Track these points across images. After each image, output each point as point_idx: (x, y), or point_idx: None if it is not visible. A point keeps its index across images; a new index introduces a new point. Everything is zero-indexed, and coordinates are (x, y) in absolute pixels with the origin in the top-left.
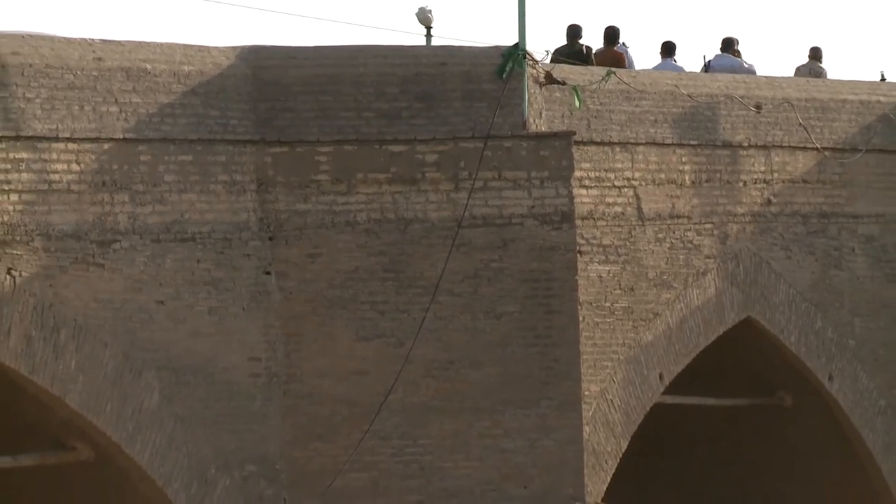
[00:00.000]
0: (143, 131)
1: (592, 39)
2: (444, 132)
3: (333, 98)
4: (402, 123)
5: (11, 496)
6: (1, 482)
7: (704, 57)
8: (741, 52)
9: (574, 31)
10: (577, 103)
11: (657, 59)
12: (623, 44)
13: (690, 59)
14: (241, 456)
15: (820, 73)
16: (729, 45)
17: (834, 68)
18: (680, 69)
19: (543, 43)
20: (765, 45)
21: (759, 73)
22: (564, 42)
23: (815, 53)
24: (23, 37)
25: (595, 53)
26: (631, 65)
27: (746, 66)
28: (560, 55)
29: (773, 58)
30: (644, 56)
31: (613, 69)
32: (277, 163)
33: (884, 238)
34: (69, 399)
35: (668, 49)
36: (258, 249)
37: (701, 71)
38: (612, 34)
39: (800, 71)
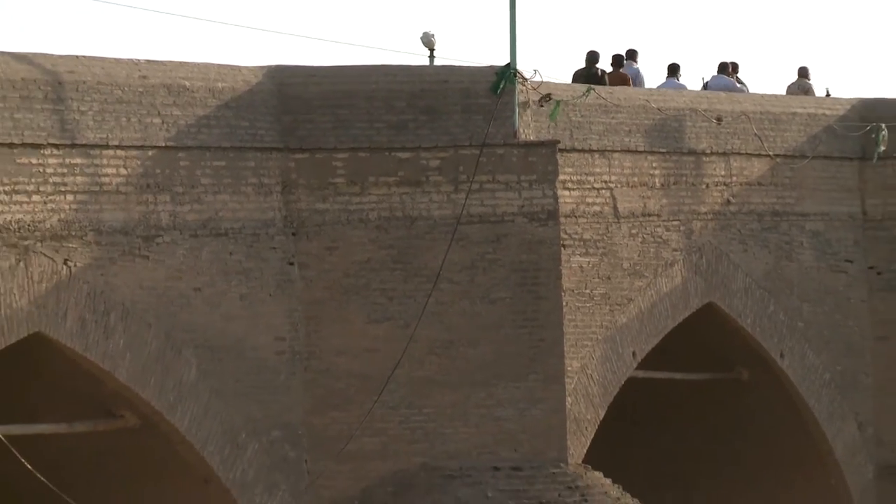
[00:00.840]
0: (182, 140)
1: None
2: (445, 141)
3: (348, 111)
4: (408, 133)
5: (67, 459)
6: (58, 446)
7: (703, 78)
8: (739, 72)
9: (592, 57)
10: (556, 117)
11: (663, 78)
12: (633, 65)
13: (693, 79)
14: (267, 423)
15: (808, 90)
16: (724, 68)
17: (819, 84)
18: (682, 87)
19: (561, 64)
20: (761, 65)
21: (750, 90)
22: (584, 65)
23: (804, 72)
24: (77, 57)
25: (609, 74)
26: (641, 83)
27: (738, 85)
28: (579, 77)
29: (768, 76)
30: (653, 74)
31: (593, 87)
32: (299, 168)
33: (828, 234)
34: (118, 373)
35: (672, 69)
36: (283, 243)
37: (700, 89)
38: (617, 59)
39: (790, 88)
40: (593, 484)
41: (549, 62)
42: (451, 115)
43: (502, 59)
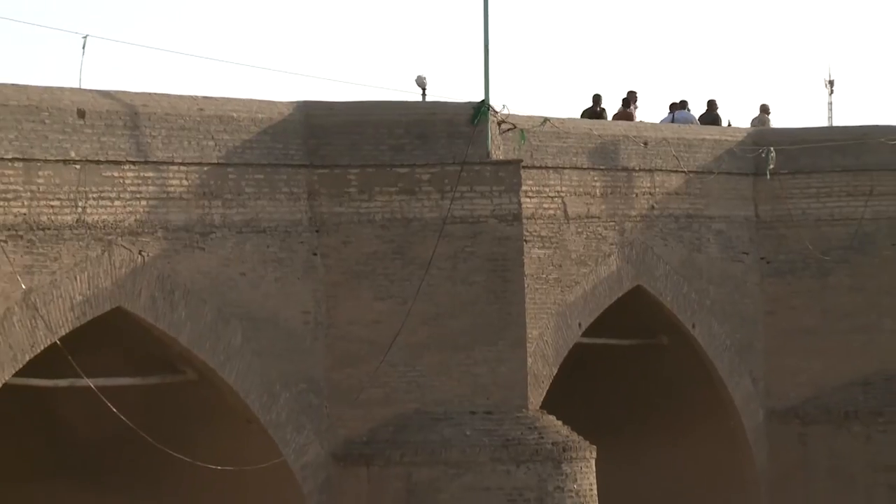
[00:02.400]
0: (230, 158)
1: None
2: (433, 160)
3: (359, 136)
4: (405, 154)
5: (141, 405)
6: (134, 397)
7: (675, 109)
8: (718, 107)
9: (596, 99)
10: (521, 141)
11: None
12: (633, 104)
13: (660, 113)
14: (296, 377)
15: (765, 122)
16: (683, 105)
17: (777, 118)
18: (692, 118)
19: (564, 104)
20: (732, 102)
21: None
22: (590, 105)
23: (765, 108)
24: (149, 94)
25: (615, 114)
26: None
27: (694, 118)
28: (585, 114)
29: (736, 111)
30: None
31: (548, 117)
32: (321, 180)
33: (729, 232)
34: (180, 339)
35: (682, 104)
36: (308, 238)
37: (667, 121)
38: (626, 100)
39: (753, 121)
40: (548, 425)
41: (526, 95)
42: (439, 140)
43: (478, 96)
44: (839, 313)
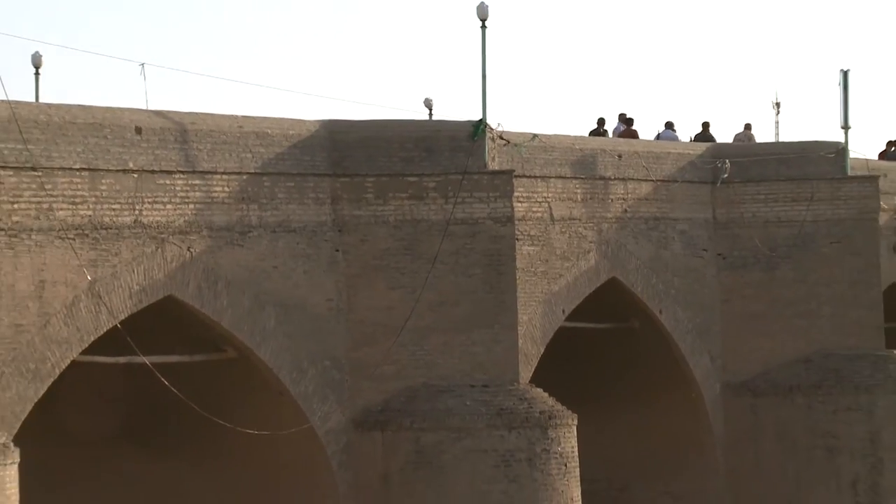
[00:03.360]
0: (266, 168)
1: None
2: (438, 170)
3: (375, 150)
4: (415, 164)
5: (190, 380)
6: (183, 372)
7: (662, 130)
8: (711, 127)
9: (600, 121)
10: (521, 152)
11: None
12: (621, 127)
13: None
14: (321, 356)
15: (751, 138)
16: (670, 126)
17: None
18: (676, 137)
19: (554, 120)
20: (722, 118)
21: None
22: (595, 126)
23: (748, 126)
24: (196, 113)
25: (622, 132)
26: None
27: (678, 137)
28: (592, 134)
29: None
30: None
31: (538, 133)
32: (343, 187)
33: (691, 232)
34: (223, 322)
35: (669, 125)
36: (331, 237)
37: (655, 139)
38: (629, 120)
39: (737, 136)
40: (536, 396)
41: (520, 112)
42: (443, 153)
43: (477, 116)
44: (784, 301)
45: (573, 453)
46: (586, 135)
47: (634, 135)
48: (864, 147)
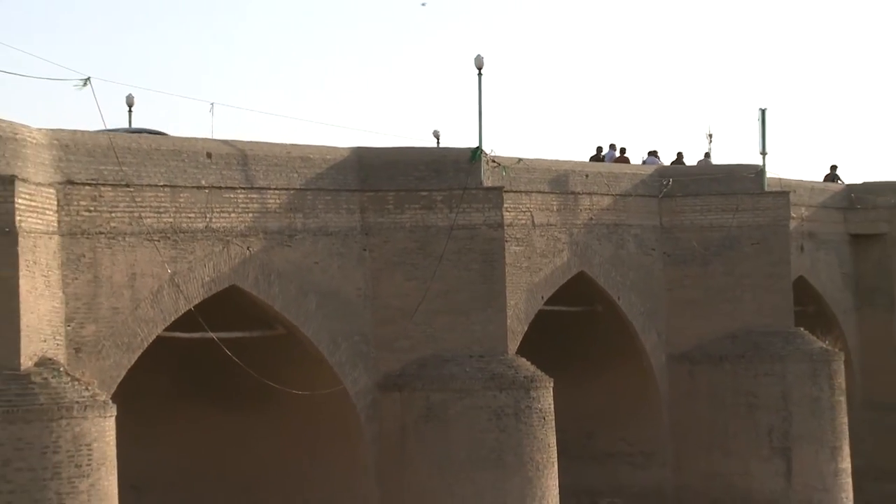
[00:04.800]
0: (308, 185)
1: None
2: (445, 186)
3: (395, 170)
4: (426, 182)
5: (249, 351)
6: (242, 345)
7: (642, 159)
8: (684, 156)
9: (599, 150)
10: (509, 173)
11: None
12: (615, 153)
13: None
14: (352, 332)
15: (709, 164)
16: (654, 154)
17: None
18: (659, 162)
19: (541, 145)
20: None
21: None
22: (594, 153)
23: (707, 154)
24: (254, 142)
25: (617, 158)
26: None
27: (661, 162)
28: (591, 159)
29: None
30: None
31: (522, 158)
32: (369, 200)
33: (642, 235)
34: (275, 306)
35: (653, 153)
36: (360, 239)
37: (642, 163)
38: (622, 149)
39: (699, 162)
40: (522, 365)
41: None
42: (448, 173)
43: (475, 144)
44: (715, 290)
45: (550, 409)
46: (571, 158)
47: (626, 160)
48: (807, 170)
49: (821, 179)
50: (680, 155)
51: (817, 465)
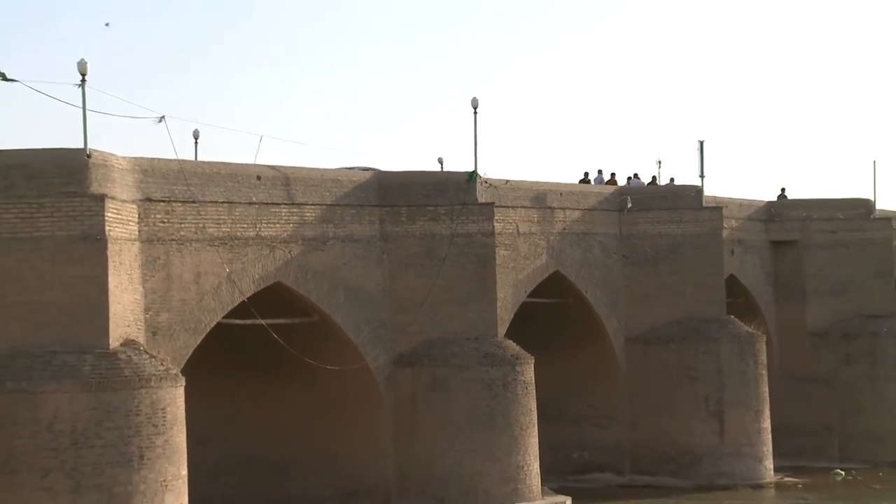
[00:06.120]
0: (337, 201)
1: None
2: (447, 202)
3: (407, 189)
4: (432, 199)
5: (290, 334)
6: (285, 329)
7: (628, 179)
8: (658, 175)
9: (585, 175)
10: (498, 191)
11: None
12: (603, 178)
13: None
14: (372, 318)
15: (655, 184)
16: (637, 176)
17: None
18: (641, 184)
19: (534, 170)
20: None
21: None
22: (582, 177)
23: (672, 180)
24: (295, 167)
25: (607, 181)
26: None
27: (643, 184)
28: (581, 181)
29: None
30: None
31: (509, 179)
32: (386, 214)
33: (606, 242)
34: (310, 297)
35: (635, 175)
36: (379, 245)
37: (625, 184)
38: (612, 174)
39: (665, 184)
40: (508, 345)
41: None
42: (450, 192)
43: (471, 168)
44: (664, 286)
45: (531, 381)
46: (552, 180)
47: (615, 183)
48: (762, 193)
49: (774, 198)
50: (654, 179)
51: (744, 424)
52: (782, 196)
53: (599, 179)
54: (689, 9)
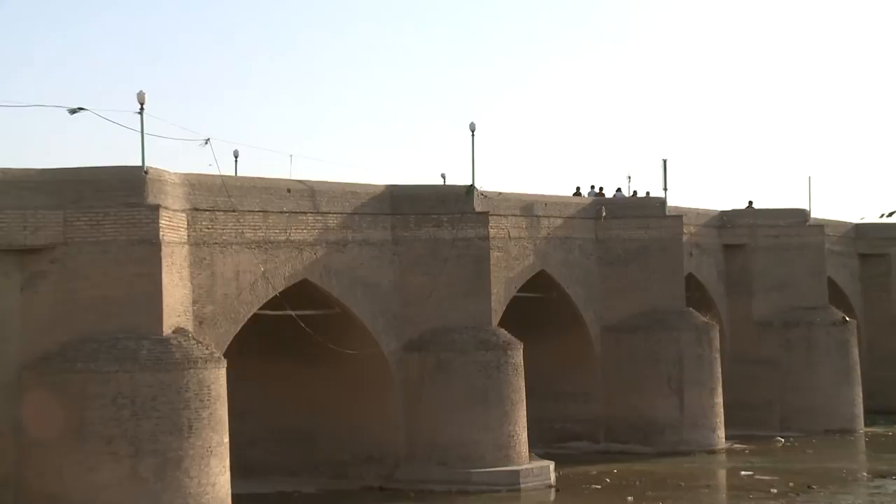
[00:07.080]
0: (356, 210)
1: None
2: (449, 211)
3: (415, 200)
4: (436, 208)
5: (317, 324)
6: (312, 319)
7: (615, 192)
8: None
9: (577, 189)
10: (493, 202)
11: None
12: (595, 191)
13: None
14: (386, 310)
15: (628, 197)
16: (620, 190)
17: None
18: (624, 196)
19: (524, 182)
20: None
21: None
22: (574, 191)
23: (647, 193)
24: (319, 181)
25: (597, 193)
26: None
27: (629, 196)
28: (574, 194)
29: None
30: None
31: (501, 191)
32: (397, 221)
33: (584, 246)
34: (333, 292)
35: (618, 189)
36: (391, 248)
37: (612, 196)
38: (601, 188)
39: (616, 195)
40: (501, 334)
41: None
42: (450, 202)
43: (469, 181)
44: (632, 282)
45: (521, 364)
46: (541, 192)
47: (602, 195)
48: (717, 203)
49: (735, 208)
50: (635, 193)
51: (700, 400)
52: (750, 206)
53: (592, 193)
54: (656, 49)
